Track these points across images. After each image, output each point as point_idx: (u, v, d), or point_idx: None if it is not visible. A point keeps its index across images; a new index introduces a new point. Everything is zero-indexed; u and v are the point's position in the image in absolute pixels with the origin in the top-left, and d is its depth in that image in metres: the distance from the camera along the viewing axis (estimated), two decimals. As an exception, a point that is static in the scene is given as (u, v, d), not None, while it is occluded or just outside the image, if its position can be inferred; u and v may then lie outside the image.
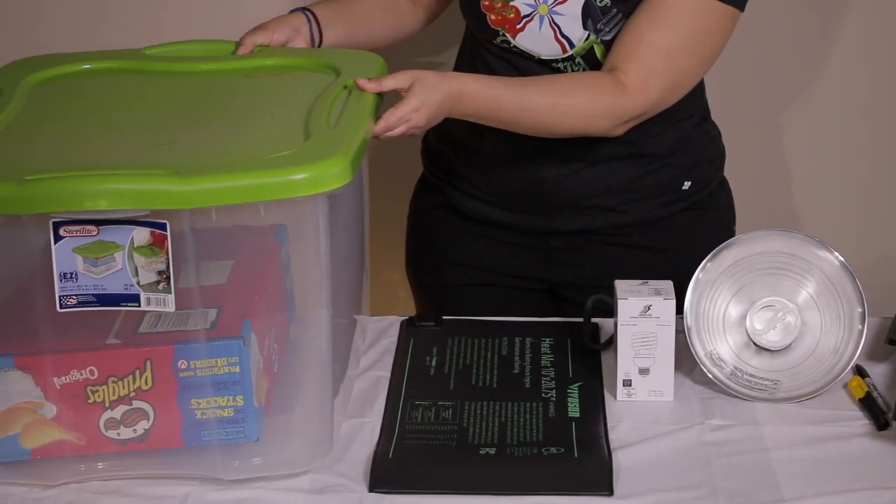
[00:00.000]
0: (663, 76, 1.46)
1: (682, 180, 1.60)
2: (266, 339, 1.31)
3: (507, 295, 1.67)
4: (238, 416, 1.25)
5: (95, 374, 1.24)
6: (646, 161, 1.58)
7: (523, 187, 1.59)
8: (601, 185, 1.58)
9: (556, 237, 1.62)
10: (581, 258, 1.63)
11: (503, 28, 1.52)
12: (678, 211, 1.62)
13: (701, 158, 1.62)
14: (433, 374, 1.44)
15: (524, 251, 1.65)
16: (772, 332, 1.41)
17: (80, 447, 1.26)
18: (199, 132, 1.29)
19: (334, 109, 1.30)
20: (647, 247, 1.61)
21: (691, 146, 1.60)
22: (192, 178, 1.14)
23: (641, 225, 1.61)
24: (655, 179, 1.59)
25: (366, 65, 1.45)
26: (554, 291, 1.68)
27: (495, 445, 1.30)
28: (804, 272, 1.42)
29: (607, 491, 1.23)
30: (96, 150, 1.26)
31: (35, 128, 1.32)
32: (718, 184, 1.66)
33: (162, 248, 1.17)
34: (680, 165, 1.60)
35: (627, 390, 1.39)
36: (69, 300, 1.18)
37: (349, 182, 1.19)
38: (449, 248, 1.69)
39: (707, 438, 1.32)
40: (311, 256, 1.22)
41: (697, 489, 1.24)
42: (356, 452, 1.30)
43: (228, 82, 1.44)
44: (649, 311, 1.36)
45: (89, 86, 1.44)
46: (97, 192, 1.13)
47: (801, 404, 1.38)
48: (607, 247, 1.62)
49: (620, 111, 1.46)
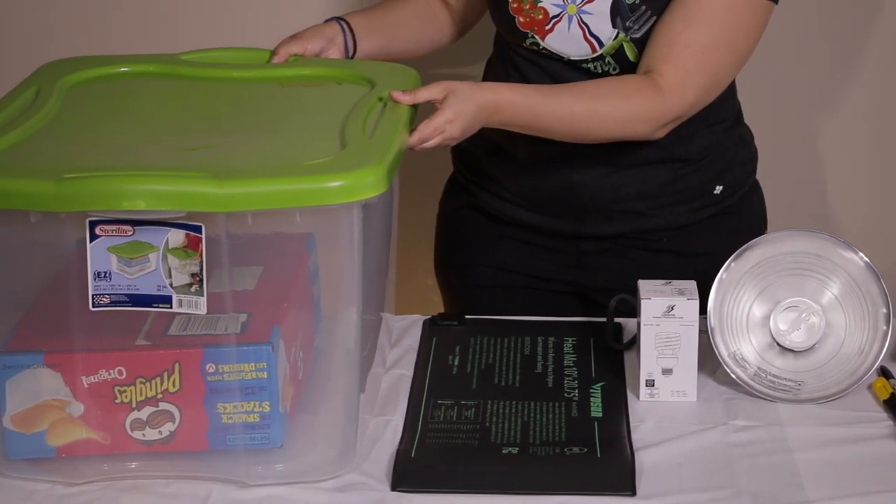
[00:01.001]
0: (700, 76, 1.45)
1: (713, 185, 1.60)
2: (292, 347, 1.32)
3: (536, 297, 1.67)
4: (264, 422, 1.26)
5: (124, 374, 1.25)
6: (677, 165, 1.57)
7: (553, 191, 1.59)
8: (632, 189, 1.57)
9: (585, 241, 1.62)
10: (610, 262, 1.63)
11: (532, 30, 1.52)
12: (709, 216, 1.61)
13: (733, 162, 1.61)
14: (456, 373, 1.45)
15: (553, 254, 1.65)
16: (796, 333, 1.41)
17: (105, 447, 1.26)
18: (234, 137, 1.29)
19: (370, 120, 1.31)
20: (677, 251, 1.61)
21: (723, 150, 1.60)
22: (229, 182, 1.15)
23: (671, 230, 1.61)
24: (686, 184, 1.59)
25: (400, 78, 1.45)
26: (583, 294, 1.68)
27: (518, 445, 1.30)
28: (829, 273, 1.42)
29: (630, 491, 1.23)
30: (133, 151, 1.27)
31: (72, 127, 1.33)
32: (751, 188, 1.66)
33: (196, 250, 1.17)
34: (711, 170, 1.60)
35: (650, 390, 1.39)
36: (102, 299, 1.19)
37: (384, 191, 1.19)
38: (477, 249, 1.69)
39: (730, 439, 1.32)
40: (344, 263, 1.23)
41: (720, 490, 1.24)
42: (379, 451, 1.30)
43: (263, 90, 1.45)
44: (672, 311, 1.37)
45: (125, 88, 1.45)
46: (136, 192, 1.14)
47: (825, 405, 1.38)
48: (637, 251, 1.62)
49: (658, 114, 1.45)
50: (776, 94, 2.01)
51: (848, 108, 2.04)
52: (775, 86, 2.01)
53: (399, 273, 1.59)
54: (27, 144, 1.27)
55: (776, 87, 2.01)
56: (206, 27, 2.02)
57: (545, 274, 1.67)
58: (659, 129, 1.47)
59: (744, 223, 1.64)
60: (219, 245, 1.19)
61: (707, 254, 1.56)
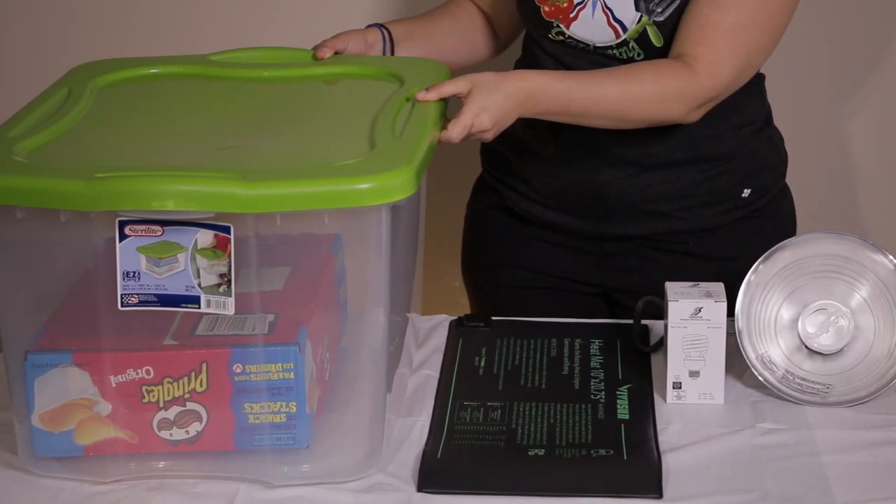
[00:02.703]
0: (731, 56, 1.44)
1: (741, 188, 1.59)
2: (319, 347, 1.32)
3: (562, 298, 1.68)
4: (290, 423, 1.26)
5: (151, 374, 1.25)
6: (705, 167, 1.57)
7: (580, 190, 1.59)
8: (658, 189, 1.57)
9: (611, 242, 1.62)
10: (636, 263, 1.63)
11: (557, 19, 1.53)
12: (736, 219, 1.61)
13: (762, 165, 1.61)
14: (482, 374, 1.45)
15: (579, 255, 1.65)
16: (824, 336, 1.40)
17: (133, 446, 1.27)
18: (263, 137, 1.30)
19: (399, 119, 1.31)
20: (703, 255, 1.61)
21: (752, 152, 1.59)
22: (258, 183, 1.15)
23: (698, 232, 1.61)
24: (714, 186, 1.58)
25: (429, 73, 1.45)
26: (608, 296, 1.68)
27: (544, 447, 1.30)
28: (858, 275, 1.41)
29: (656, 494, 1.23)
30: (163, 151, 1.28)
31: (103, 127, 1.34)
32: (780, 191, 1.65)
33: (225, 251, 1.18)
34: (739, 172, 1.59)
35: (677, 393, 1.39)
36: (130, 299, 1.19)
37: (413, 193, 1.20)
38: (503, 251, 1.69)
39: (758, 442, 1.32)
40: (371, 264, 1.23)
41: (748, 493, 1.23)
42: (405, 452, 1.30)
43: (292, 89, 1.45)
44: (700, 314, 1.36)
45: (156, 89, 1.46)
46: (165, 192, 1.15)
47: (853, 409, 1.37)
48: (663, 253, 1.62)
49: (692, 94, 1.44)
50: (807, 96, 2.01)
51: (880, 112, 2.02)
52: (806, 88, 2.00)
53: (426, 274, 1.59)
54: (58, 143, 1.28)
55: (807, 89, 2.00)
56: (232, 29, 2.03)
57: (570, 275, 1.67)
58: (693, 111, 1.46)
59: (772, 227, 1.64)
60: (247, 245, 1.19)
61: (734, 257, 1.56)
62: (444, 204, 1.75)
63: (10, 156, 1.23)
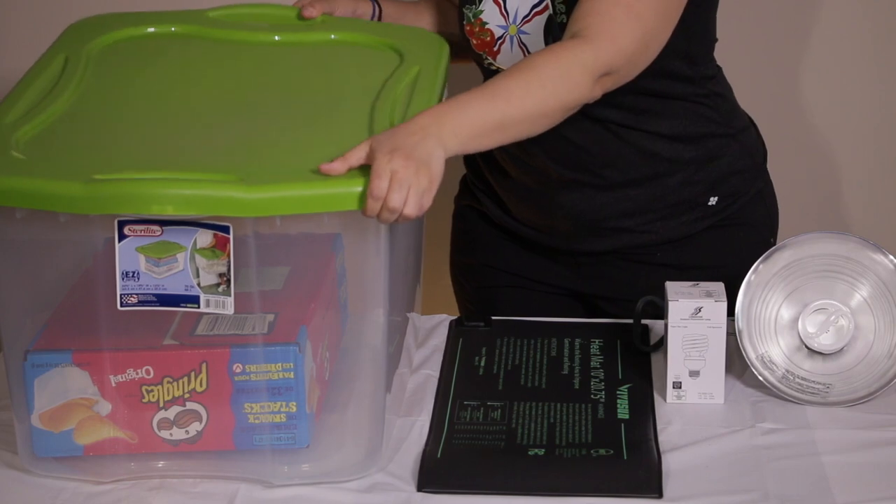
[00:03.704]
0: (628, 22, 1.38)
1: (707, 196, 1.57)
2: (319, 347, 1.32)
3: (539, 299, 1.67)
4: (290, 422, 1.26)
5: (151, 373, 1.25)
6: (665, 181, 1.55)
7: (544, 212, 1.60)
8: (617, 208, 1.57)
9: (582, 255, 1.62)
10: (610, 272, 1.62)
11: (485, 52, 1.54)
12: (705, 228, 1.59)
13: (728, 172, 1.58)
14: (482, 374, 1.45)
15: (554, 263, 1.65)
16: (824, 336, 1.41)
17: (133, 446, 1.27)
18: (261, 124, 1.29)
19: (398, 108, 1.31)
20: (674, 264, 1.59)
21: (716, 161, 1.57)
22: (257, 187, 1.15)
23: (666, 243, 1.59)
24: (677, 198, 1.57)
25: (429, 47, 1.45)
26: (585, 300, 1.68)
27: (544, 446, 1.30)
28: (858, 275, 1.41)
29: (657, 494, 1.23)
30: (162, 143, 1.27)
31: (99, 111, 1.33)
32: (755, 195, 1.62)
33: (224, 250, 1.18)
34: (704, 182, 1.57)
35: (677, 392, 1.39)
36: (130, 299, 1.20)
37: None
38: (482, 251, 1.70)
39: (758, 442, 1.32)
40: (371, 265, 1.23)
41: (748, 493, 1.24)
42: (405, 452, 1.31)
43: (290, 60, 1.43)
44: (700, 314, 1.37)
45: (152, 57, 1.43)
46: (165, 196, 1.15)
47: (853, 408, 1.37)
48: (634, 264, 1.61)
49: (592, 61, 1.36)
50: (785, 93, 1.99)
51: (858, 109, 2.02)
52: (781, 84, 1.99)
53: (426, 274, 1.59)
54: (56, 131, 1.28)
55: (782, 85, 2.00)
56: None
57: (547, 279, 1.66)
58: (597, 83, 1.37)
59: (745, 233, 1.62)
60: (247, 246, 1.19)
61: (704, 266, 1.56)
62: (442, 203, 1.72)
63: (7, 150, 1.22)
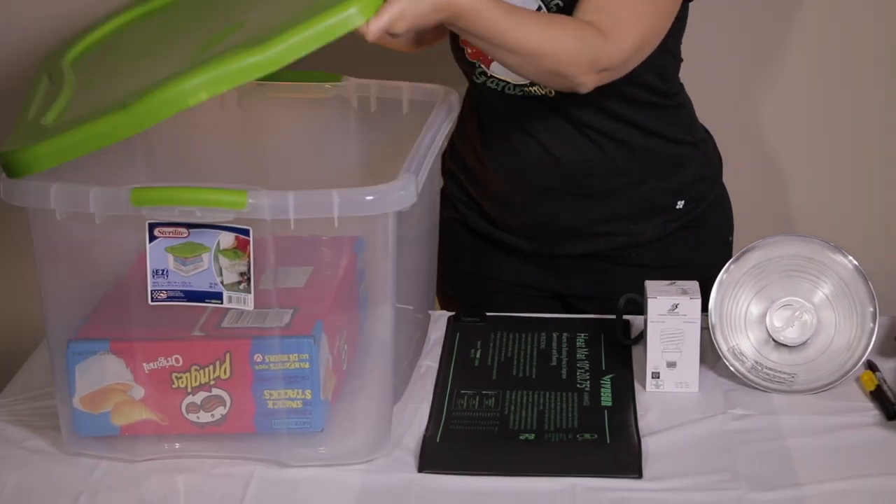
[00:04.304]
0: (633, 27, 1.40)
1: (675, 200, 1.60)
2: (336, 340, 1.33)
3: (521, 301, 1.67)
4: (306, 408, 1.28)
5: (180, 362, 1.28)
6: (637, 188, 1.58)
7: (527, 220, 1.61)
8: (598, 214, 1.59)
9: (562, 259, 1.63)
10: (589, 274, 1.64)
11: (479, 60, 1.53)
12: (675, 230, 1.61)
13: (693, 178, 1.61)
14: (477, 365, 1.47)
15: (535, 267, 1.66)
16: (790, 330, 1.42)
17: (163, 427, 1.30)
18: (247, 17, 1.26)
19: None
20: (648, 264, 1.60)
21: (682, 168, 1.60)
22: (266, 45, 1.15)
23: (641, 245, 1.61)
24: (650, 203, 1.59)
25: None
26: (565, 301, 1.68)
27: (534, 431, 1.33)
28: (820, 274, 1.43)
29: (637, 474, 1.26)
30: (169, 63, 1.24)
31: (103, 73, 1.33)
32: (715, 199, 1.64)
33: (245, 251, 1.21)
34: (671, 189, 1.60)
35: (656, 382, 1.41)
36: (159, 294, 1.23)
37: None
38: (464, 261, 1.70)
39: (729, 427, 1.34)
40: (380, 264, 1.26)
41: (720, 473, 1.26)
42: (408, 436, 1.33)
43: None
44: (676, 309, 1.39)
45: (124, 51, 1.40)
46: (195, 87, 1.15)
47: (816, 396, 1.39)
48: (612, 265, 1.62)
49: (599, 55, 1.38)
50: (736, 100, 1.98)
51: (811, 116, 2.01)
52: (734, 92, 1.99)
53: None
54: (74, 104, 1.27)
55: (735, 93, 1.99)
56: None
57: (528, 283, 1.67)
58: (592, 75, 1.38)
59: (710, 233, 1.64)
60: (266, 247, 1.22)
61: (674, 266, 1.57)
62: None
63: (41, 125, 1.22)
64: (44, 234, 1.27)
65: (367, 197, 1.20)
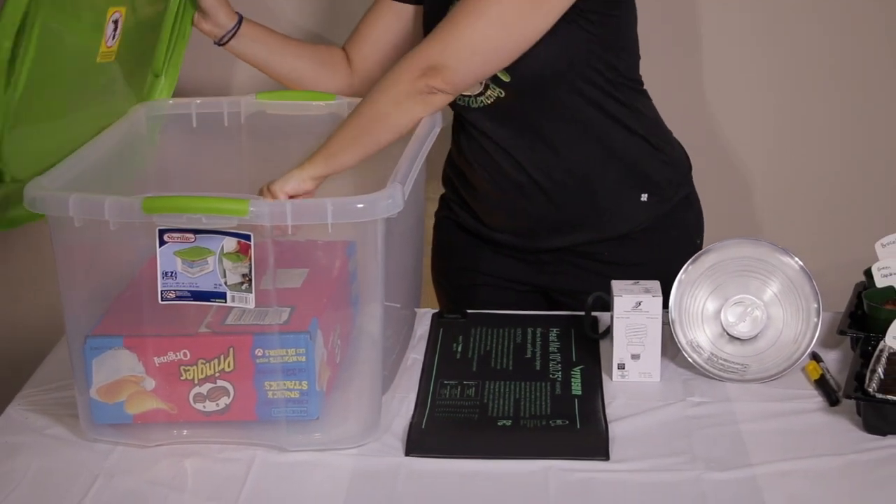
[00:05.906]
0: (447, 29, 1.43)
1: (639, 193, 1.62)
2: (330, 336, 1.37)
3: (507, 295, 1.73)
4: (303, 398, 1.31)
5: (188, 356, 1.32)
6: (601, 181, 1.61)
7: (508, 215, 1.66)
8: (569, 208, 1.63)
9: (544, 253, 1.68)
10: (568, 269, 1.68)
11: None
12: (643, 228, 1.63)
13: (659, 174, 1.64)
14: (459, 358, 1.52)
15: (520, 262, 1.71)
16: (742, 324, 1.47)
17: (173, 416, 1.34)
18: None
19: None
20: (618, 262, 1.65)
21: (646, 160, 1.62)
22: None
23: (612, 240, 1.64)
24: (616, 195, 1.62)
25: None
26: (547, 294, 1.74)
27: (511, 418, 1.38)
28: (769, 274, 1.48)
29: (604, 457, 1.31)
30: None
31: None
32: (683, 200, 1.66)
33: (246, 255, 1.25)
34: (635, 182, 1.62)
35: (621, 372, 1.46)
36: (168, 294, 1.27)
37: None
38: (457, 258, 1.76)
39: (688, 413, 1.40)
40: (370, 265, 1.30)
41: (680, 455, 1.32)
42: (396, 423, 1.38)
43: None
44: (640, 306, 1.44)
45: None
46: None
47: (766, 384, 1.45)
48: (587, 261, 1.67)
49: (415, 60, 1.43)
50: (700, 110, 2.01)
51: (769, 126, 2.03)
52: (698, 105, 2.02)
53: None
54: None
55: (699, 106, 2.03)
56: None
57: (514, 278, 1.72)
58: (419, 79, 1.42)
59: (677, 233, 1.67)
60: (266, 251, 1.26)
61: (643, 263, 1.63)
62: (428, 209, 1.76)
63: None
64: (63, 240, 1.31)
65: (357, 205, 1.25)
